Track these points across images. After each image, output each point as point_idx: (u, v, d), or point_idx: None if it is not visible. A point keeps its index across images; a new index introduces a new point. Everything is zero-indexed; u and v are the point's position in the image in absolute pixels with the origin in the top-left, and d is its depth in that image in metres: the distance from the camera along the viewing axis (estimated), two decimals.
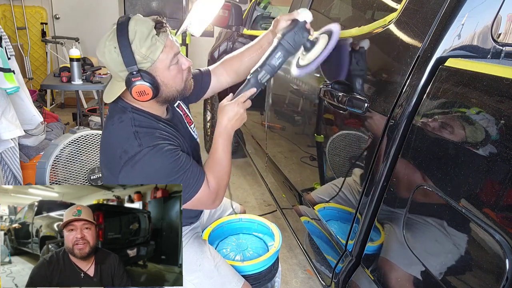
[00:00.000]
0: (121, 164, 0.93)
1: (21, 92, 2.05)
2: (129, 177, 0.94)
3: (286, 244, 2.18)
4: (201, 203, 1.02)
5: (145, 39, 0.91)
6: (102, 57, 0.93)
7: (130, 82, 0.93)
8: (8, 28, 4.13)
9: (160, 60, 0.95)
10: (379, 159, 0.93)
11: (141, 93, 0.94)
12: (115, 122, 0.98)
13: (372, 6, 1.31)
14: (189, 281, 1.14)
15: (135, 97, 0.95)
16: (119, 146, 0.94)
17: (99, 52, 0.94)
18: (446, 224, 0.73)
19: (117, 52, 0.90)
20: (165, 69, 0.97)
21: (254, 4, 2.51)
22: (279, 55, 1.04)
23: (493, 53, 0.77)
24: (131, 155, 0.92)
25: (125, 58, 0.90)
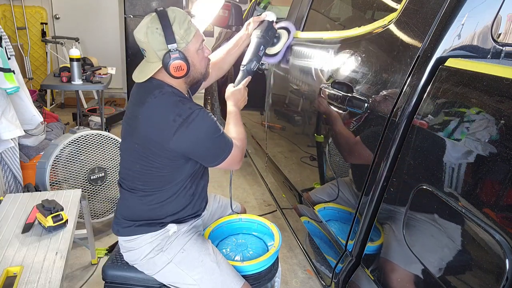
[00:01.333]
0: (175, 126, 1.03)
1: (21, 92, 2.05)
2: (184, 138, 1.05)
3: (286, 244, 2.18)
4: (234, 160, 1.16)
5: (182, 22, 1.06)
6: (144, 37, 1.05)
7: (169, 58, 1.05)
8: (8, 28, 4.12)
9: (192, 43, 1.10)
10: (379, 159, 0.93)
11: (178, 68, 1.06)
12: (157, 95, 1.08)
13: (372, 6, 1.31)
14: (191, 277, 1.15)
15: (172, 71, 1.06)
16: (170, 112, 1.05)
17: (141, 33, 1.05)
18: (446, 224, 0.73)
19: (159, 32, 1.04)
20: (194, 52, 1.11)
21: (254, 4, 2.51)
22: (262, 48, 1.41)
23: (493, 53, 0.77)
24: (185, 117, 1.04)
25: (167, 37, 1.04)
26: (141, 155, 1.12)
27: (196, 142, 1.08)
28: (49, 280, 1.12)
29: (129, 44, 4.25)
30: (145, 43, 1.06)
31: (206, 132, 1.08)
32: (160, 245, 1.17)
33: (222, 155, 1.13)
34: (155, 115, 1.07)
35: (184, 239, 1.20)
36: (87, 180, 2.06)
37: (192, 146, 1.08)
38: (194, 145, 1.08)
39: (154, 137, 1.07)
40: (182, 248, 1.18)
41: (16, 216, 1.46)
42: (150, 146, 1.09)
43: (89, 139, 2.06)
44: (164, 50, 1.05)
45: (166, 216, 1.19)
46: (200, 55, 1.14)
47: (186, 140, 1.06)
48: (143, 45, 1.08)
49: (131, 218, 1.19)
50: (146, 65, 1.12)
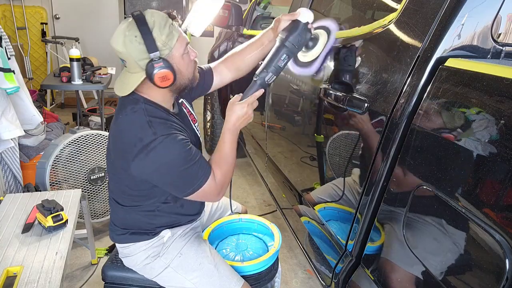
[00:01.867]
0: (135, 152, 0.95)
1: (21, 92, 2.05)
2: (142, 165, 0.96)
3: (286, 244, 2.18)
4: (207, 194, 1.05)
5: (163, 26, 0.96)
6: (122, 47, 0.94)
7: (153, 68, 0.95)
8: (8, 28, 4.12)
9: (176, 48, 0.99)
10: (379, 159, 0.93)
11: (164, 78, 0.97)
12: (128, 113, 1.00)
13: (372, 6, 1.31)
14: (189, 280, 1.15)
15: (158, 82, 0.97)
16: (134, 135, 0.97)
17: (117, 43, 0.95)
18: (446, 224, 0.73)
19: (139, 41, 0.93)
20: (180, 57, 1.01)
21: (254, 4, 2.51)
22: (284, 57, 1.07)
23: (493, 53, 0.77)
24: (146, 143, 0.94)
25: (148, 45, 0.93)
26: (114, 172, 1.10)
27: (156, 171, 0.98)
28: (49, 280, 1.12)
29: None
30: (124, 53, 0.95)
31: (169, 163, 0.97)
32: (155, 251, 1.16)
33: (189, 188, 1.01)
34: (120, 135, 1.01)
35: (181, 243, 1.18)
36: (87, 180, 2.06)
37: (152, 174, 0.99)
38: (155, 174, 0.98)
39: (118, 157, 1.03)
40: (179, 252, 1.16)
41: (16, 216, 1.46)
42: (118, 165, 1.05)
43: (89, 139, 2.06)
44: (146, 59, 0.95)
45: (157, 226, 1.17)
46: (186, 59, 1.03)
47: (145, 167, 0.97)
48: (121, 56, 0.97)
49: (124, 226, 1.18)
50: (127, 76, 1.01)
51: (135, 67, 0.98)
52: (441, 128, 0.74)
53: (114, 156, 1.06)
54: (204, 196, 1.06)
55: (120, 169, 1.04)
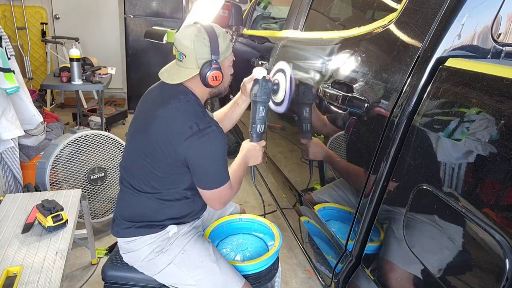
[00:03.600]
0: (190, 132, 1.06)
1: (21, 92, 2.05)
2: (192, 146, 1.07)
3: (286, 244, 2.18)
4: (218, 197, 1.16)
5: (225, 38, 1.15)
6: (190, 43, 1.08)
7: (209, 67, 1.10)
8: (8, 28, 4.12)
9: (227, 58, 1.18)
10: (379, 159, 0.93)
11: (215, 78, 1.12)
12: (181, 100, 1.12)
13: (372, 6, 1.31)
14: (191, 277, 1.15)
15: (210, 80, 1.11)
16: (189, 119, 1.08)
17: (186, 39, 1.09)
18: (446, 224, 0.73)
19: (206, 43, 1.10)
20: (227, 67, 1.20)
21: (254, 4, 2.51)
22: (261, 109, 1.34)
23: (493, 53, 0.77)
24: (202, 127, 1.07)
25: (212, 48, 1.10)
26: (147, 153, 1.12)
27: (200, 155, 1.09)
28: (49, 280, 1.12)
29: (129, 44, 4.26)
30: (189, 48, 1.09)
31: (213, 151, 1.10)
32: (160, 246, 1.17)
33: (213, 183, 1.13)
34: (175, 117, 1.09)
35: (184, 240, 1.20)
36: (87, 180, 2.06)
37: (195, 156, 1.09)
38: (198, 156, 1.09)
39: (166, 136, 1.09)
40: (182, 249, 1.18)
41: (16, 216, 1.46)
42: (159, 145, 1.10)
43: (89, 139, 2.06)
44: (205, 59, 1.10)
45: (166, 219, 1.19)
46: (229, 72, 1.22)
47: (194, 148, 1.07)
48: (185, 50, 1.10)
49: (130, 219, 1.19)
50: (179, 69, 1.14)
51: (192, 63, 1.11)
52: (441, 128, 0.74)
53: (158, 138, 1.10)
54: (217, 197, 1.16)
55: (161, 149, 1.10)
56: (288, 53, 1.68)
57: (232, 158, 1.34)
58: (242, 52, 2.45)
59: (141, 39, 3.98)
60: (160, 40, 2.48)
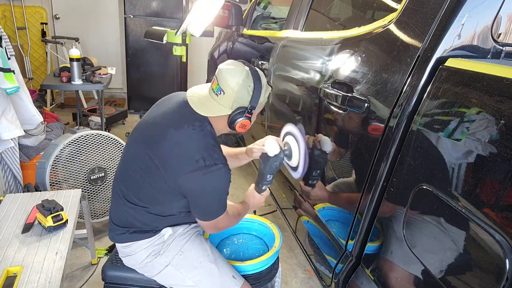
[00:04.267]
0: (195, 167, 1.02)
1: (21, 92, 2.04)
2: (194, 181, 1.04)
3: (286, 244, 2.18)
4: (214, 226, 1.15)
5: (267, 91, 1.13)
6: (235, 85, 1.05)
7: (242, 114, 1.08)
8: (8, 28, 4.12)
9: (258, 108, 1.13)
10: (379, 159, 0.92)
11: (243, 126, 1.10)
12: (196, 128, 1.08)
13: (372, 6, 1.31)
14: (190, 278, 1.15)
15: (237, 126, 1.10)
16: (197, 152, 1.04)
17: (233, 81, 1.05)
18: (446, 224, 0.73)
19: (249, 91, 1.07)
20: (255, 116, 1.15)
21: (254, 4, 2.51)
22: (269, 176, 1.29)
23: (493, 53, 0.77)
24: (209, 164, 1.03)
25: (253, 98, 1.08)
26: (144, 169, 1.09)
27: (201, 191, 1.07)
28: (49, 280, 1.12)
29: (129, 44, 4.26)
30: (231, 90, 1.05)
31: (215, 189, 1.08)
32: (156, 249, 1.16)
33: (210, 215, 1.12)
34: (183, 146, 1.06)
35: (182, 241, 1.19)
36: (87, 180, 2.06)
37: (195, 192, 1.07)
38: (198, 192, 1.07)
39: (170, 163, 1.05)
40: (180, 251, 1.17)
41: (16, 216, 1.46)
42: (161, 167, 1.06)
43: (89, 139, 2.05)
44: (241, 105, 1.08)
45: (159, 226, 1.17)
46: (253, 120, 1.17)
47: (195, 184, 1.05)
48: (227, 89, 1.05)
49: (123, 225, 1.17)
50: (212, 102, 1.08)
51: (228, 103, 1.07)
52: (441, 128, 0.74)
53: (163, 160, 1.06)
54: (212, 225, 1.14)
55: (163, 173, 1.06)
56: (288, 53, 1.68)
57: None
58: (242, 52, 2.45)
59: (141, 39, 3.98)
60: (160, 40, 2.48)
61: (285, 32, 1.79)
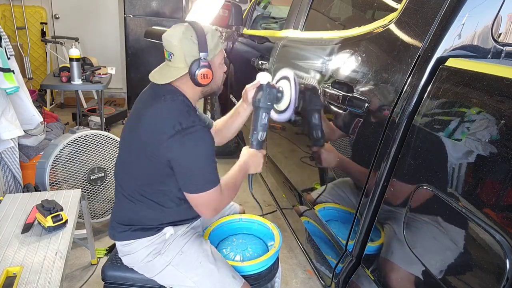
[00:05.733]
0: (172, 132, 1.02)
1: (20, 92, 2.04)
2: (176, 145, 1.03)
3: (286, 244, 2.18)
4: (206, 202, 1.11)
5: (214, 35, 1.11)
6: (178, 41, 1.06)
7: (198, 65, 1.07)
8: (7, 28, 4.12)
9: (217, 56, 1.15)
10: (379, 159, 0.92)
11: (205, 76, 1.09)
12: (167, 100, 1.09)
13: (372, 6, 1.31)
14: (189, 279, 1.15)
15: (199, 78, 1.08)
16: (173, 119, 1.05)
17: (174, 37, 1.07)
18: (446, 224, 0.73)
19: (193, 40, 1.06)
20: (218, 65, 1.16)
21: (254, 4, 2.51)
22: (264, 116, 1.30)
23: (493, 53, 0.77)
24: (185, 127, 1.03)
25: (200, 45, 1.07)
26: (135, 157, 1.11)
27: (182, 155, 1.05)
28: (49, 280, 1.12)
29: (129, 44, 4.25)
30: (177, 47, 1.07)
31: (197, 151, 1.05)
32: (157, 248, 1.17)
33: (198, 185, 1.07)
34: (158, 118, 1.07)
35: (182, 241, 1.19)
36: (86, 180, 2.06)
37: (177, 157, 1.05)
38: (180, 157, 1.05)
39: (150, 138, 1.07)
40: (180, 251, 1.17)
41: (16, 216, 1.46)
42: (144, 147, 1.08)
43: (89, 139, 2.05)
44: (193, 57, 1.07)
45: (161, 223, 1.18)
46: (221, 69, 1.19)
47: (175, 148, 1.04)
48: (173, 49, 1.08)
49: (125, 223, 1.18)
50: (168, 69, 1.11)
51: (181, 62, 1.08)
52: (442, 128, 0.74)
53: (143, 140, 1.08)
54: (203, 202, 1.11)
55: (146, 151, 1.07)
56: (288, 53, 1.68)
57: (231, 158, 1.34)
58: (242, 52, 2.45)
59: (141, 39, 3.97)
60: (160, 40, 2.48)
61: (285, 32, 1.79)
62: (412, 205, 0.81)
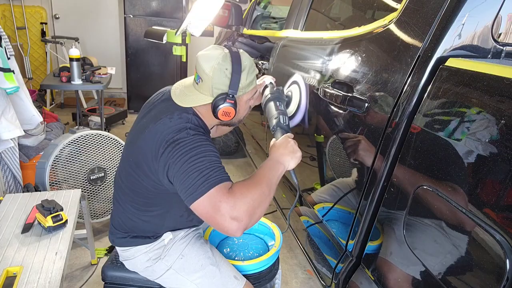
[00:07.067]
0: (165, 146, 0.95)
1: (20, 92, 2.04)
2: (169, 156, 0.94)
3: (286, 244, 2.18)
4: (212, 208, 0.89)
5: (251, 73, 1.04)
6: (210, 70, 0.99)
7: (223, 101, 1.00)
8: (7, 28, 4.12)
9: (247, 93, 1.07)
10: (379, 159, 0.92)
11: (226, 114, 1.02)
12: (174, 118, 1.00)
13: (372, 6, 1.31)
14: (191, 281, 1.15)
15: (220, 114, 1.02)
16: (169, 133, 0.97)
17: (208, 65, 0.99)
18: (446, 224, 0.73)
19: (227, 74, 0.99)
20: (245, 101, 1.09)
21: (254, 4, 2.51)
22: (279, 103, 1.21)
23: (493, 53, 0.77)
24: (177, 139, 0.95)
25: (232, 81, 1.00)
26: (132, 170, 1.06)
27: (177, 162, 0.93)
28: (49, 280, 1.12)
29: (129, 44, 4.25)
30: (208, 75, 0.99)
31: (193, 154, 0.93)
32: (157, 253, 1.16)
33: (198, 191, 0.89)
34: (158, 133, 0.98)
35: (182, 245, 1.18)
36: (86, 180, 2.05)
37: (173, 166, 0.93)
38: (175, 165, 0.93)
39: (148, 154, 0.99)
40: (180, 254, 1.16)
41: (16, 216, 1.46)
42: (143, 163, 1.02)
43: (89, 139, 2.05)
44: (221, 90, 1.00)
45: (159, 233, 1.17)
46: (247, 104, 1.11)
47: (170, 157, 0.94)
48: (203, 75, 1.00)
49: (124, 230, 1.17)
50: (193, 92, 1.04)
51: (207, 91, 1.02)
52: (442, 128, 0.74)
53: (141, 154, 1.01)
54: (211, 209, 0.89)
55: (144, 166, 1.01)
56: (288, 53, 1.68)
57: (231, 158, 1.32)
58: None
59: (141, 39, 3.97)
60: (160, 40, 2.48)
61: (285, 32, 1.79)
62: (412, 205, 0.81)
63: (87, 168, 2.05)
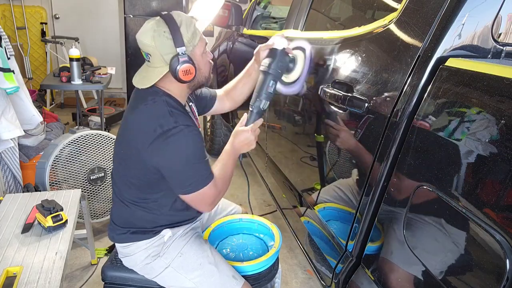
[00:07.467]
0: (154, 136, 0.98)
1: (20, 92, 2.04)
2: (158, 150, 0.99)
3: (286, 245, 2.18)
4: (203, 199, 1.08)
5: (189, 25, 1.04)
6: (151, 41, 1.00)
7: (177, 62, 1.01)
8: (7, 28, 4.12)
9: (198, 46, 1.07)
10: (380, 159, 0.92)
11: (187, 72, 1.02)
12: (148, 103, 1.04)
13: (372, 6, 1.31)
14: (190, 280, 1.15)
15: (181, 75, 1.02)
16: (154, 122, 1.00)
17: (146, 37, 1.01)
18: (447, 224, 0.73)
19: (167, 36, 1.00)
20: (200, 55, 1.09)
21: (254, 4, 2.51)
22: (271, 83, 1.18)
23: (493, 53, 0.77)
24: (167, 129, 0.98)
25: (175, 40, 1.00)
26: (124, 162, 1.11)
27: (169, 158, 1.01)
28: (49, 280, 1.12)
29: (129, 44, 4.25)
30: (151, 46, 1.01)
31: (182, 154, 1.00)
32: (156, 251, 1.16)
33: (190, 186, 1.03)
34: (140, 122, 1.03)
35: (181, 243, 1.19)
36: (86, 180, 2.05)
37: (164, 161, 1.01)
38: (167, 161, 1.01)
39: (134, 144, 1.04)
40: (179, 252, 1.17)
41: (16, 216, 1.46)
42: (130, 153, 1.07)
43: (89, 139, 2.05)
44: (171, 53, 1.01)
45: (159, 225, 1.18)
46: (204, 58, 1.11)
47: (159, 153, 1.00)
48: (148, 49, 1.02)
49: (124, 225, 1.18)
50: (149, 70, 1.06)
51: (160, 61, 1.03)
52: (442, 128, 0.74)
53: (129, 146, 1.06)
54: (200, 199, 1.08)
55: (132, 156, 1.06)
56: None
57: None
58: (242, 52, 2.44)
59: None
60: None
61: (285, 32, 1.79)
62: (412, 205, 0.81)
63: (87, 168, 2.05)
